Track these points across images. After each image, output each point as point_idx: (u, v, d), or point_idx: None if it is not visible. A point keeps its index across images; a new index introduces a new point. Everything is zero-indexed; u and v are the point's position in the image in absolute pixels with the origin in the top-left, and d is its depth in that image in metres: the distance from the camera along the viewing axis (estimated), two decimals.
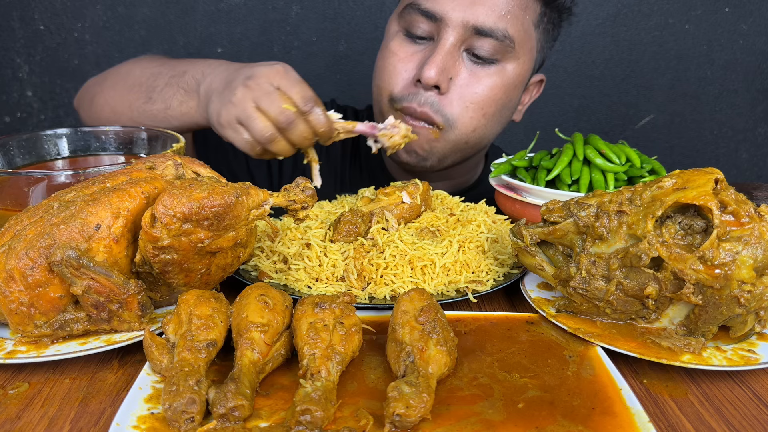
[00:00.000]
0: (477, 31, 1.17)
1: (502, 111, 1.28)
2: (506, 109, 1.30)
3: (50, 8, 2.04)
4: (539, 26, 1.26)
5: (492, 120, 1.27)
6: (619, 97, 2.24)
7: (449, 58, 1.19)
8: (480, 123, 1.25)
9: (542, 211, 0.81)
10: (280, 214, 1.01)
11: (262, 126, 0.99)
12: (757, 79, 2.21)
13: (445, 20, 1.18)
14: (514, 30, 1.19)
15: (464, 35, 1.18)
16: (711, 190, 0.70)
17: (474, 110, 1.23)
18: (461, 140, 1.26)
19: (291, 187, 0.82)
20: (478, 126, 1.25)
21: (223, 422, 0.58)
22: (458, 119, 1.23)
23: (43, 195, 0.86)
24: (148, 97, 1.21)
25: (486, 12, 1.17)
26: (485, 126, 1.27)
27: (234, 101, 1.01)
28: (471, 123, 1.24)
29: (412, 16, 1.22)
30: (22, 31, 2.05)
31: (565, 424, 0.60)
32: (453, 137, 1.25)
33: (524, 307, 0.86)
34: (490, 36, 1.18)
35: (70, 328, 0.71)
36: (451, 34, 1.18)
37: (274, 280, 0.89)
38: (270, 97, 0.99)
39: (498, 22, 1.17)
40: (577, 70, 2.20)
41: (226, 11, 2.08)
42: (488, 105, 1.24)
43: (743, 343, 0.74)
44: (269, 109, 0.98)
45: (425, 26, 1.21)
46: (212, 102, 1.07)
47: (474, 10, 1.17)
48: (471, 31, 1.18)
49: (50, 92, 2.13)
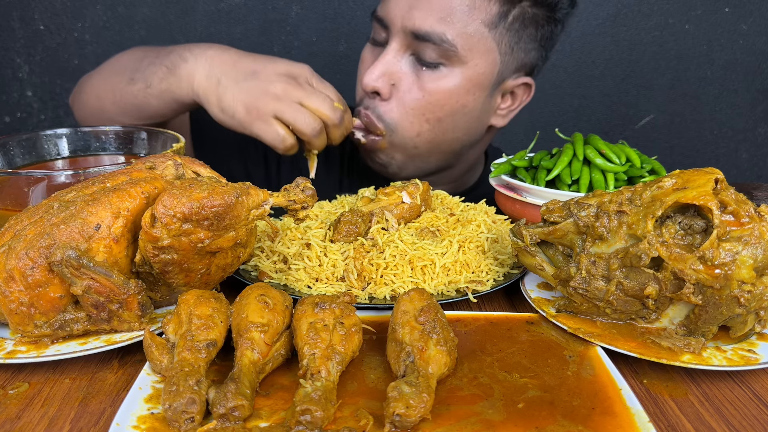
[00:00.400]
0: (415, 36, 1.16)
1: (453, 116, 1.24)
2: (461, 115, 1.25)
3: (50, 8, 2.04)
4: (497, 27, 1.19)
5: (440, 125, 1.24)
6: (619, 97, 2.24)
7: (392, 63, 1.19)
8: (423, 128, 1.23)
9: (542, 211, 0.81)
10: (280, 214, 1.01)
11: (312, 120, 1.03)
12: (757, 79, 2.21)
13: (390, 26, 1.19)
14: (456, 33, 1.15)
15: (407, 40, 1.18)
16: (711, 190, 0.70)
17: (414, 115, 1.21)
18: (408, 145, 1.25)
19: (291, 187, 0.82)
20: (421, 131, 1.23)
21: (223, 422, 0.58)
22: (398, 124, 1.22)
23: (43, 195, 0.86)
24: (131, 79, 1.20)
25: (422, 16, 1.14)
26: (431, 131, 1.24)
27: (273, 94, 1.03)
28: (412, 128, 1.22)
29: (374, 23, 1.24)
30: (22, 31, 2.05)
31: (565, 424, 0.60)
32: (398, 141, 1.24)
33: (524, 307, 0.86)
34: (428, 40, 1.15)
35: (70, 328, 0.71)
36: (395, 39, 1.19)
37: (274, 280, 0.89)
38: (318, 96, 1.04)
39: (435, 25, 1.14)
40: (577, 70, 2.20)
41: (226, 11, 2.08)
42: (430, 110, 1.21)
43: (743, 343, 0.74)
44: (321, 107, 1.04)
45: (381, 33, 1.23)
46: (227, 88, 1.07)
47: (411, 14, 1.15)
48: (411, 36, 1.17)
49: (50, 92, 2.13)
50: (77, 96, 1.34)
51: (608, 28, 2.15)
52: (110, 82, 1.24)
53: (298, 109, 1.03)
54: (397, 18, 1.16)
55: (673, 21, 2.14)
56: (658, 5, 2.12)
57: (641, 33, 2.15)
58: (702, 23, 2.14)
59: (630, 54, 2.18)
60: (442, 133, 1.26)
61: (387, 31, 1.20)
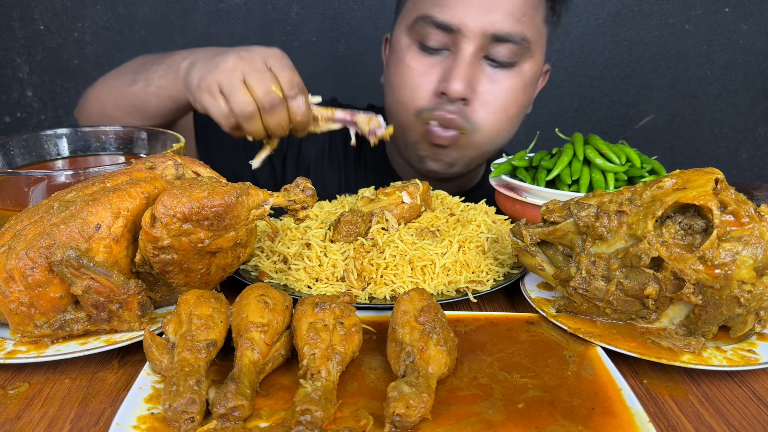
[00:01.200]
0: (495, 38, 1.18)
1: (523, 110, 1.31)
2: (525, 107, 1.32)
3: (50, 8, 2.04)
4: (548, 21, 1.28)
5: (514, 120, 1.30)
6: (619, 97, 2.24)
7: (471, 68, 1.20)
8: (504, 126, 1.28)
9: (542, 211, 0.81)
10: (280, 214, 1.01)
11: (245, 100, 0.97)
12: (757, 79, 2.21)
13: (462, 31, 1.18)
14: (529, 31, 1.21)
15: (482, 43, 1.19)
16: (711, 190, 0.70)
17: (498, 113, 1.25)
18: (486, 143, 1.29)
19: (291, 187, 0.82)
20: (502, 129, 1.28)
21: (223, 422, 0.58)
22: (483, 124, 1.25)
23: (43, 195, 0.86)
24: (133, 80, 1.21)
25: (502, 18, 1.17)
26: (508, 128, 1.30)
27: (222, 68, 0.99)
28: (495, 126, 1.26)
29: (426, 28, 1.21)
30: (22, 31, 2.05)
31: (565, 424, 0.60)
32: (478, 140, 1.27)
33: (524, 307, 0.86)
34: (509, 41, 1.18)
35: (70, 328, 0.71)
36: (469, 44, 1.18)
37: (274, 280, 0.89)
38: (261, 75, 0.97)
39: (514, 26, 1.18)
40: (577, 70, 2.20)
41: (226, 11, 2.08)
42: (510, 107, 1.26)
43: (743, 343, 0.74)
44: (256, 86, 0.97)
45: (440, 38, 1.21)
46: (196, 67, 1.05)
47: (490, 17, 1.17)
48: (489, 39, 1.18)
49: (50, 92, 2.13)
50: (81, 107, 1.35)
51: (608, 28, 2.15)
52: (113, 86, 1.25)
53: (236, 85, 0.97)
54: (473, 22, 1.17)
55: (673, 21, 2.14)
56: (658, 5, 2.12)
57: (641, 33, 2.15)
58: (702, 23, 2.14)
59: (630, 54, 2.18)
60: (513, 127, 1.32)
61: (450, 36, 1.20)
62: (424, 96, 1.24)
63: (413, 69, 1.25)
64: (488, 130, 1.26)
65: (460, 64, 1.18)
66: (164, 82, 1.15)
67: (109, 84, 1.28)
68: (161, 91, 1.16)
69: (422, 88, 1.24)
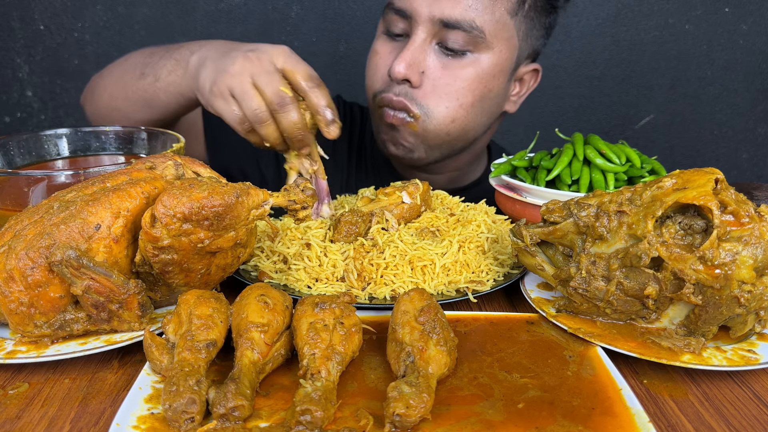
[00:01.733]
0: (444, 24, 1.20)
1: (482, 101, 1.29)
2: (487, 99, 1.30)
3: (50, 8, 2.04)
4: (517, 14, 1.26)
5: (471, 111, 1.28)
6: (619, 97, 2.24)
7: (419, 52, 1.22)
8: (458, 114, 1.27)
9: (542, 211, 0.81)
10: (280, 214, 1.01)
11: (256, 104, 0.96)
12: (757, 79, 2.21)
13: (414, 17, 1.21)
14: (483, 20, 1.21)
15: (433, 29, 1.21)
16: (711, 190, 0.70)
17: (449, 101, 1.25)
18: (441, 131, 1.28)
19: (291, 187, 0.82)
20: (456, 117, 1.27)
21: (223, 422, 0.58)
22: (434, 109, 1.25)
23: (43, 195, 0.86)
24: (141, 74, 1.20)
25: (451, 5, 1.19)
26: (465, 117, 1.28)
27: (231, 71, 0.98)
28: (448, 113, 1.26)
29: (390, 15, 1.26)
30: (22, 31, 2.05)
31: (565, 424, 0.60)
32: (432, 127, 1.27)
33: (524, 307, 0.86)
34: (458, 28, 1.20)
35: (70, 328, 0.71)
36: (420, 29, 1.21)
37: (274, 280, 0.89)
38: (270, 76, 0.96)
39: (464, 13, 1.19)
40: (577, 70, 2.20)
41: (226, 11, 2.08)
42: (463, 95, 1.25)
43: (743, 343, 0.74)
44: (266, 88, 0.96)
45: (401, 24, 1.25)
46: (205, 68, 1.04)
47: (440, 4, 1.19)
48: (439, 25, 1.20)
49: (50, 92, 2.13)
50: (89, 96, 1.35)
51: (608, 28, 2.15)
52: (122, 79, 1.25)
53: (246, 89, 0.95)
54: (423, 7, 1.20)
55: (673, 21, 2.14)
56: (658, 5, 2.12)
57: (641, 33, 2.15)
58: (702, 23, 2.14)
59: (630, 54, 2.18)
60: (473, 118, 1.30)
61: (408, 22, 1.23)
62: (379, 79, 1.28)
63: (377, 53, 1.30)
64: (440, 116, 1.26)
65: (407, 47, 1.22)
66: (173, 78, 1.15)
67: (117, 76, 1.27)
68: (170, 87, 1.15)
69: (380, 71, 1.28)
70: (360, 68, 2.16)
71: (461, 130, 1.30)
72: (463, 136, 1.33)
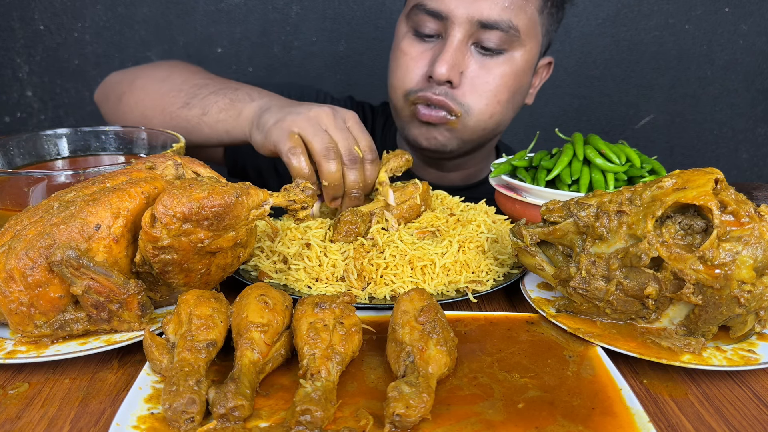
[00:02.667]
0: (482, 25, 1.22)
1: (514, 96, 1.34)
2: (518, 95, 1.35)
3: (50, 8, 2.03)
4: (543, 12, 1.30)
5: (506, 106, 1.33)
6: (619, 97, 2.24)
7: (458, 53, 1.24)
8: (495, 110, 1.31)
9: (542, 211, 0.81)
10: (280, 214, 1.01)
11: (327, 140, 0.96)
12: (757, 79, 2.21)
13: (451, 18, 1.22)
14: (519, 19, 1.24)
15: (470, 30, 1.23)
16: (711, 190, 0.70)
17: (488, 98, 1.28)
18: (479, 126, 1.32)
19: (291, 187, 0.82)
20: (494, 112, 1.31)
21: (223, 422, 0.58)
22: (474, 107, 1.28)
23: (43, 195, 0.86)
24: (186, 103, 1.22)
25: (489, 6, 1.21)
26: (501, 112, 1.32)
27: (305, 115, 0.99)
28: (487, 110, 1.30)
29: (419, 16, 1.27)
30: (22, 31, 2.05)
31: (565, 424, 0.60)
32: (471, 123, 1.30)
33: (524, 307, 0.86)
34: (496, 28, 1.22)
35: (70, 328, 0.71)
36: (457, 30, 1.23)
37: (274, 280, 0.89)
38: (344, 133, 0.99)
39: (502, 13, 1.22)
40: (577, 70, 2.20)
41: (226, 11, 2.08)
42: (501, 92, 1.29)
43: (743, 343, 0.74)
44: (340, 142, 0.97)
45: (432, 25, 1.26)
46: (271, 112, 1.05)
47: (478, 5, 1.21)
48: (477, 26, 1.22)
49: (50, 92, 2.13)
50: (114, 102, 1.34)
51: (608, 28, 2.15)
52: (160, 103, 1.25)
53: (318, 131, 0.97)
54: (461, 9, 1.22)
55: (673, 21, 2.14)
56: (658, 5, 2.12)
57: (641, 33, 2.15)
58: (702, 23, 2.14)
59: (630, 54, 2.18)
60: (507, 112, 1.35)
61: (441, 23, 1.25)
62: (413, 79, 1.29)
63: (406, 54, 1.31)
64: (480, 113, 1.29)
65: (447, 49, 1.23)
66: (224, 116, 1.15)
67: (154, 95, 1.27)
68: (219, 124, 1.16)
69: (412, 71, 1.29)
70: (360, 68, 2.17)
71: (496, 124, 1.35)
72: (495, 130, 1.37)
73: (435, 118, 1.28)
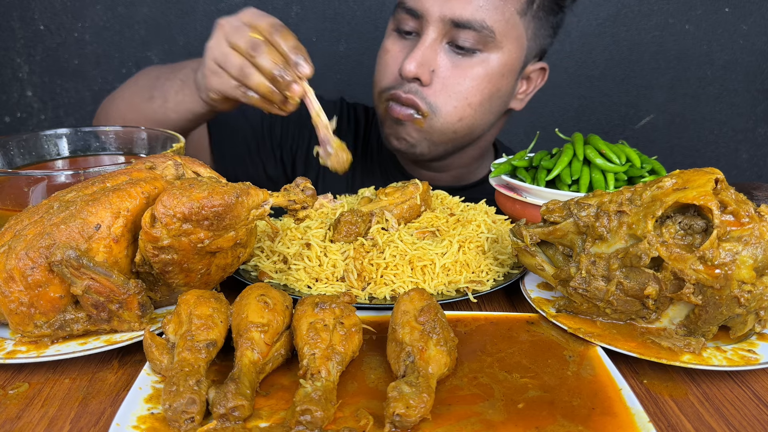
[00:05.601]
0: (456, 24, 1.22)
1: (490, 100, 1.31)
2: (495, 98, 1.32)
3: (50, 8, 2.03)
4: (526, 14, 1.28)
5: (479, 109, 1.30)
6: (619, 97, 2.24)
7: (429, 51, 1.24)
8: (466, 112, 1.29)
9: (542, 211, 0.81)
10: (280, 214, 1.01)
11: (236, 61, 0.99)
12: (757, 79, 2.21)
13: (425, 16, 1.23)
14: (494, 20, 1.23)
15: (444, 29, 1.23)
16: (711, 190, 0.70)
17: (458, 99, 1.27)
18: (448, 129, 1.30)
19: (291, 187, 0.82)
20: (464, 115, 1.29)
21: (223, 422, 0.58)
22: (442, 108, 1.27)
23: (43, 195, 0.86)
24: (150, 96, 1.24)
25: (462, 5, 1.21)
26: (472, 116, 1.30)
27: (210, 46, 1.02)
28: (456, 112, 1.28)
29: (400, 14, 1.28)
30: (22, 31, 2.05)
31: (565, 424, 0.60)
32: (438, 125, 1.29)
33: (524, 307, 0.86)
34: (469, 27, 1.22)
35: (70, 328, 0.71)
36: (431, 28, 1.23)
37: (274, 280, 0.89)
38: (239, 31, 0.99)
39: (475, 13, 1.21)
40: (577, 70, 2.20)
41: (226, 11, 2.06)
42: (472, 94, 1.28)
43: (743, 343, 0.74)
44: (239, 42, 0.98)
45: (411, 23, 1.27)
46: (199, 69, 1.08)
47: (450, 4, 1.21)
48: (450, 25, 1.22)
49: (50, 92, 2.13)
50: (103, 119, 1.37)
51: (608, 28, 2.15)
52: (132, 101, 1.28)
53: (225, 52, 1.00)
54: (435, 7, 1.22)
55: (673, 21, 2.14)
56: (658, 5, 2.12)
57: (641, 33, 2.15)
58: (702, 23, 2.14)
59: (630, 54, 2.18)
60: (480, 116, 1.32)
61: (418, 21, 1.25)
62: (388, 76, 1.30)
63: (387, 51, 1.32)
64: (447, 114, 1.28)
65: (419, 47, 1.24)
66: (181, 97, 1.18)
67: (127, 99, 1.30)
68: (179, 106, 1.19)
69: (389, 68, 1.30)
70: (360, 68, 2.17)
71: (468, 129, 1.32)
72: (469, 134, 1.35)
73: (403, 114, 1.28)
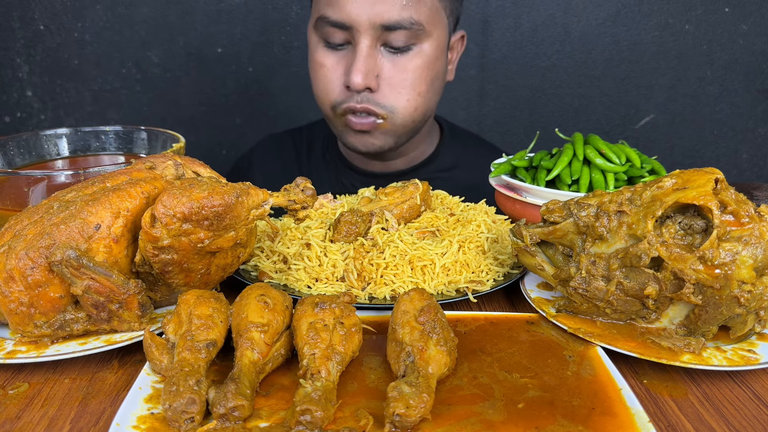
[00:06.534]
0: (386, 27, 1.24)
1: (433, 83, 1.37)
2: (437, 80, 1.38)
3: (50, 8, 2.03)
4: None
5: (427, 95, 1.36)
6: (619, 97, 2.23)
7: (370, 59, 1.27)
8: (418, 102, 1.34)
9: (542, 211, 0.81)
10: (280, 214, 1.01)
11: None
12: (757, 79, 2.21)
13: (355, 26, 1.25)
14: (420, 14, 1.26)
15: (376, 34, 1.26)
16: (711, 190, 0.70)
17: (408, 94, 1.32)
18: (408, 120, 1.36)
19: (291, 187, 0.82)
20: (417, 105, 1.34)
21: (223, 422, 0.58)
22: (397, 106, 1.32)
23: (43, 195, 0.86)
24: None
25: (388, 8, 1.23)
26: (424, 103, 1.36)
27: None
28: (410, 105, 1.33)
29: (326, 28, 1.29)
30: (22, 31, 2.05)
31: (565, 424, 0.60)
32: (399, 121, 1.34)
33: (524, 307, 0.86)
34: (399, 27, 1.25)
35: (70, 328, 0.71)
36: (364, 37, 1.26)
37: (274, 280, 0.89)
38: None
39: (402, 12, 1.24)
40: (577, 70, 2.20)
41: (226, 11, 2.08)
42: (418, 85, 1.32)
43: (743, 343, 0.74)
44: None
45: (340, 35, 1.29)
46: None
47: (377, 9, 1.23)
48: (381, 29, 1.25)
49: (50, 92, 2.13)
50: None
51: (608, 28, 2.15)
52: None
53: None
54: (362, 16, 1.24)
55: (673, 21, 2.14)
56: (658, 5, 2.12)
57: (641, 33, 2.15)
58: (702, 23, 2.14)
59: (630, 54, 2.17)
60: (430, 100, 1.39)
61: (348, 32, 1.27)
62: (334, 90, 1.33)
63: (323, 65, 1.33)
64: (404, 109, 1.33)
65: (358, 58, 1.26)
66: None
67: None
68: None
69: (332, 82, 1.33)
70: None
71: (423, 115, 1.38)
72: (425, 117, 1.40)
73: (366, 125, 1.32)
